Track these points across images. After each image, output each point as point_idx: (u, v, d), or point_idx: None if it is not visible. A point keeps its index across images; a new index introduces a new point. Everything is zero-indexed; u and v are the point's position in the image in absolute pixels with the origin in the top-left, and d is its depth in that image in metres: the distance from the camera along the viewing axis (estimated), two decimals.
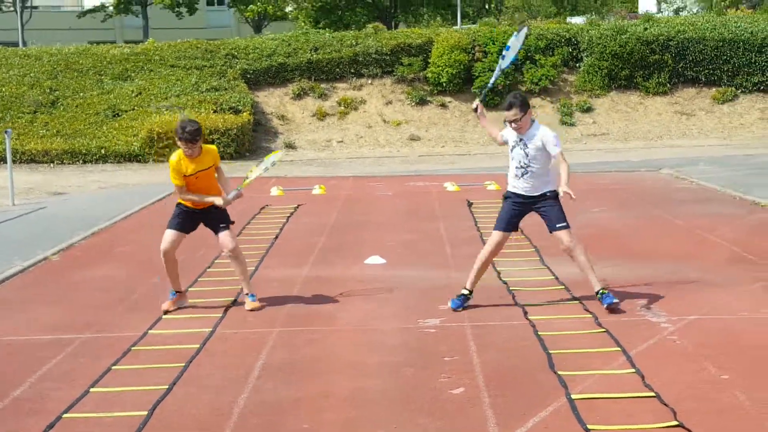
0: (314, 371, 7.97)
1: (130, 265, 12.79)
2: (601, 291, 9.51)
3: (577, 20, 41.30)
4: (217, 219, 9.98)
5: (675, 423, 6.48)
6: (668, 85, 32.65)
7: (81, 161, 27.46)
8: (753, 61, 32.42)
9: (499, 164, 25.33)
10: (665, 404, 6.82)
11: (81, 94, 31.07)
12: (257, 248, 13.61)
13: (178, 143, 9.62)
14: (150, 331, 9.30)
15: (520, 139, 9.51)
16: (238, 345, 8.80)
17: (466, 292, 9.82)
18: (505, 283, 10.97)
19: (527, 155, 9.48)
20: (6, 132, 20.46)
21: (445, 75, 32.06)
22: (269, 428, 6.67)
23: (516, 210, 9.72)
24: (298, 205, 17.99)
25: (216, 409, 7.05)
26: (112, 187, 22.71)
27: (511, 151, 9.62)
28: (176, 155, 9.76)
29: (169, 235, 9.89)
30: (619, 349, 8.21)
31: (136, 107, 30.27)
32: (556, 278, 11.07)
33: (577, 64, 33.44)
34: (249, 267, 12.02)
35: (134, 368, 8.14)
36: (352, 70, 33.31)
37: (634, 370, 7.63)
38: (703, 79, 32.79)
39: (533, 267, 11.90)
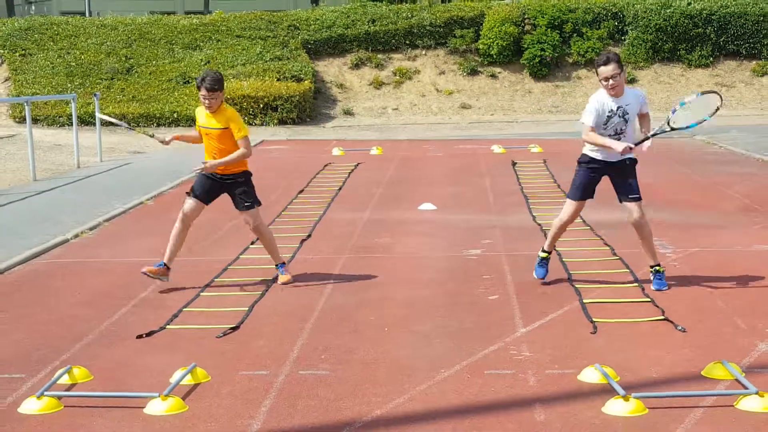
0: (376, 284, 9.88)
1: (213, 207, 14.73)
2: (656, 268, 9.26)
3: None
4: (242, 194, 9.72)
5: (662, 317, 8.29)
6: (710, 58, 34.04)
7: (155, 124, 29.46)
8: None
9: (545, 130, 27.14)
10: (657, 306, 8.64)
11: (154, 62, 33.12)
12: (323, 197, 15.50)
13: (199, 95, 9.35)
14: (241, 256, 11.23)
15: (618, 107, 8.96)
16: (315, 266, 10.72)
17: (544, 255, 9.65)
18: (539, 224, 12.78)
19: (627, 121, 9.02)
20: (95, 95, 22.59)
21: (495, 47, 33.71)
22: (344, 319, 8.59)
23: (593, 176, 9.25)
24: (358, 164, 19.86)
25: (302, 306, 8.99)
26: (185, 147, 24.65)
27: (606, 122, 8.99)
28: (199, 107, 9.67)
29: (189, 203, 9.76)
30: (627, 270, 10.02)
31: None
32: (584, 221, 12.84)
33: (623, 37, 34.92)
34: (317, 212, 14.03)
35: (232, 281, 10.08)
36: (407, 42, 35.04)
37: (636, 284, 9.44)
38: (744, 52, 34.14)
39: None
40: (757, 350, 7.39)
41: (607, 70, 8.85)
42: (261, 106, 29.51)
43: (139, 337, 8.09)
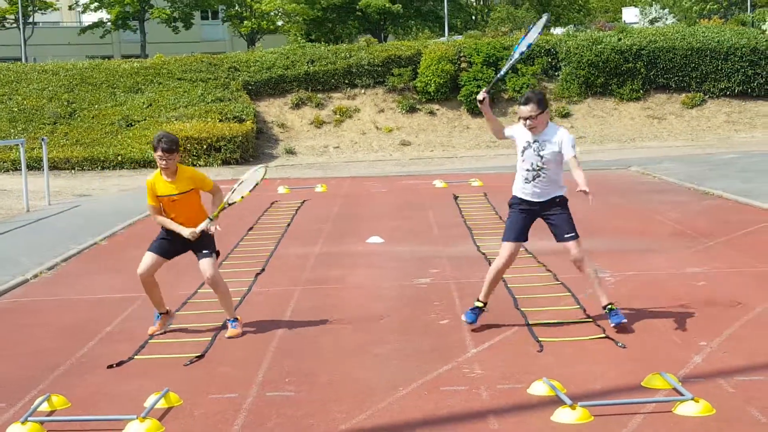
0: (333, 312, 10.33)
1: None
2: (609, 306, 9.06)
3: (560, 31, 43.76)
4: (200, 245, 9.42)
5: (604, 335, 8.84)
6: (641, 91, 35.13)
7: (99, 167, 29.78)
8: (720, 68, 34.92)
9: (484, 165, 27.83)
10: (598, 325, 9.19)
11: (96, 106, 33.45)
12: (274, 234, 15.94)
13: (155, 156, 9.17)
14: (199, 290, 11.62)
15: (534, 140, 8.92)
16: (272, 298, 11.15)
17: (480, 304, 9.43)
18: (483, 253, 13.33)
19: (541, 158, 8.90)
20: (42, 140, 22.89)
21: (433, 84, 34.49)
22: (305, 345, 9.03)
23: (524, 217, 9.18)
24: (304, 201, 20.35)
25: (263, 334, 9.43)
26: (132, 189, 25.00)
27: (522, 153, 9.04)
28: (153, 175, 9.34)
29: (148, 258, 9.43)
30: (569, 293, 10.58)
31: (147, 117, 32.65)
32: (526, 249, 13.41)
33: (556, 73, 35.91)
34: (269, 247, 14.45)
35: (194, 313, 10.48)
36: (347, 81, 35.72)
37: (578, 307, 10.00)
38: (674, 85, 35.29)
39: None
40: (693, 362, 7.96)
41: (524, 110, 8.81)
42: (204, 147, 29.95)
43: (110, 366, 8.47)
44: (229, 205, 9.39)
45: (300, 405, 7.29)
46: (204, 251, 9.42)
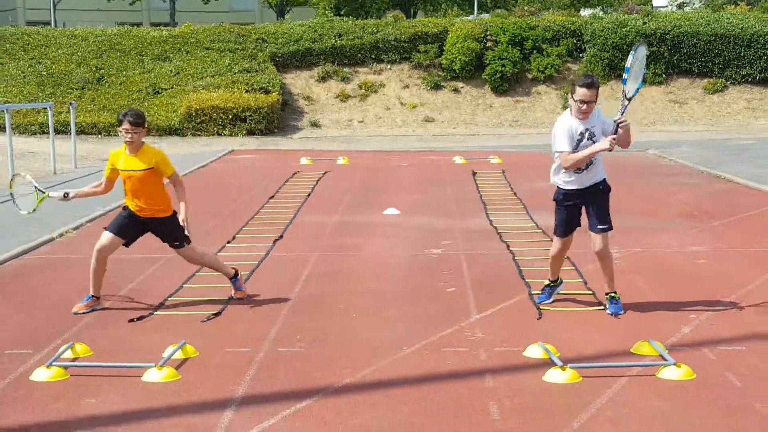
0: (346, 278, 10.81)
1: (196, 205, 15.63)
2: (611, 294, 9.12)
3: (587, 12, 43.92)
4: (169, 234, 9.46)
5: (600, 307, 9.27)
6: (664, 75, 35.29)
7: None
8: (742, 54, 35.02)
9: (505, 143, 28.19)
10: (597, 298, 9.62)
11: (124, 73, 33.94)
12: (294, 202, 16.40)
13: (119, 130, 9.16)
14: (218, 253, 12.09)
15: (586, 129, 8.70)
16: (289, 262, 11.62)
17: (548, 282, 9.52)
18: (495, 227, 13.75)
19: (595, 142, 8.73)
20: (70, 104, 23.44)
21: (458, 62, 34.79)
22: (317, 306, 9.50)
23: (572, 210, 9.09)
24: (325, 172, 20.80)
25: (277, 296, 9.89)
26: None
27: (577, 146, 8.74)
28: (114, 151, 9.41)
29: (105, 237, 9.34)
30: (573, 267, 10.99)
31: (174, 86, 33.10)
32: (536, 224, 13.85)
33: (581, 55, 36.13)
34: (288, 215, 14.92)
35: (212, 274, 10.94)
36: (373, 56, 36.06)
37: (581, 280, 10.42)
38: (696, 70, 35.43)
39: (519, 217, 14.66)
40: (681, 332, 8.39)
41: (587, 94, 8.52)
42: (230, 116, 30.37)
43: (131, 321, 8.97)
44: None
45: (309, 360, 7.76)
46: (175, 243, 9.40)
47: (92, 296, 9.38)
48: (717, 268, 11.05)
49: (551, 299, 9.44)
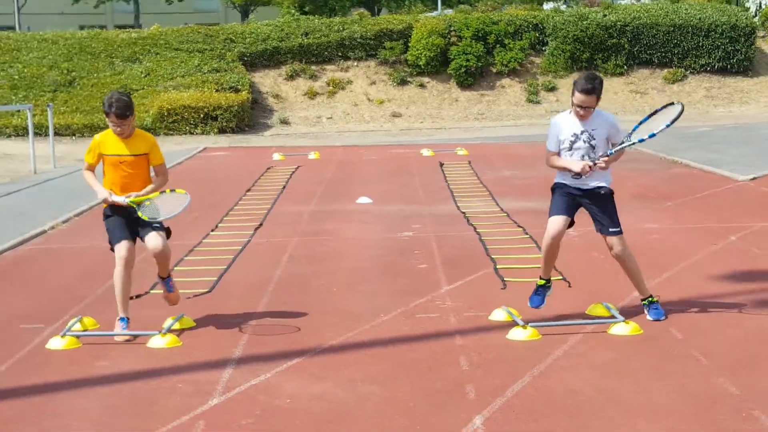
0: (324, 259, 11.64)
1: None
2: (650, 299, 8.69)
3: (548, 6, 44.93)
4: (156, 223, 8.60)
5: (560, 278, 10.14)
6: (624, 66, 36.29)
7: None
8: (701, 44, 36.08)
9: (471, 136, 29.05)
10: (555, 269, 10.47)
11: (95, 75, 34.55)
12: (270, 194, 17.20)
13: (107, 121, 8.43)
14: (204, 240, 12.88)
15: (583, 131, 8.31)
16: (270, 247, 12.43)
17: (541, 282, 8.83)
18: (462, 212, 14.61)
19: (594, 147, 8.32)
20: (48, 105, 24.12)
21: (423, 58, 35.64)
22: (299, 284, 10.33)
23: (568, 198, 8.58)
24: (298, 167, 21.58)
25: (263, 276, 10.71)
26: None
27: (570, 147, 8.35)
28: (103, 133, 8.64)
29: (123, 247, 8.55)
30: (535, 245, 11.86)
31: (145, 86, 33.76)
32: (501, 209, 14.72)
33: (543, 48, 37.09)
34: (266, 206, 15.71)
35: (199, 258, 11.75)
36: (339, 54, 36.86)
37: (541, 255, 11.27)
38: (656, 61, 36.47)
39: (485, 203, 15.53)
40: (631, 296, 9.26)
41: (587, 100, 8.12)
42: (201, 116, 31.08)
43: (130, 298, 9.71)
44: (142, 207, 8.43)
45: (295, 328, 8.59)
46: (155, 224, 8.55)
47: (123, 318, 8.53)
48: (667, 243, 11.97)
49: (544, 303, 8.75)
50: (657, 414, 6.34)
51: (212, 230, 13.62)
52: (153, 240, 8.52)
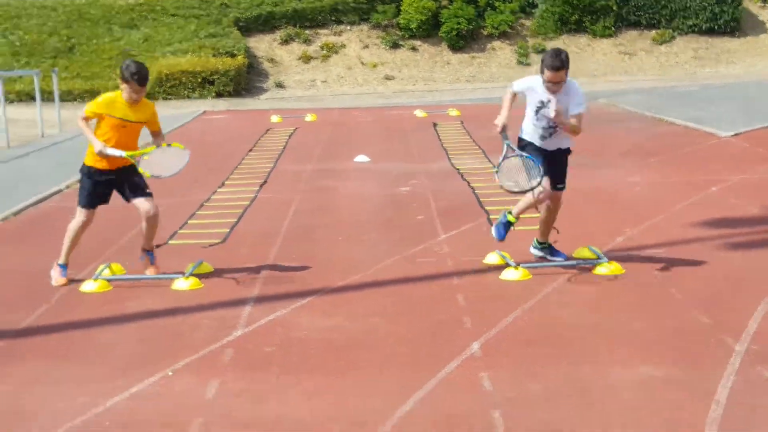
0: (328, 212, 12.40)
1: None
2: (548, 243, 9.44)
3: None
4: (137, 185, 9.10)
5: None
6: (613, 28, 36.99)
7: None
8: (688, 5, 36.81)
9: (462, 97, 29.74)
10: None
11: (94, 41, 35.14)
12: (271, 154, 17.92)
13: (123, 86, 8.72)
14: (212, 196, 13.62)
15: (549, 100, 8.64)
16: (276, 202, 13.17)
17: (513, 219, 9.32)
18: (456, 169, 15.36)
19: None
20: (53, 70, 24.76)
21: (415, 21, 36.29)
22: (306, 234, 11.08)
23: (541, 154, 8.86)
24: (296, 128, 22.29)
25: (271, 227, 11.47)
26: None
27: (536, 112, 8.78)
28: (114, 94, 8.88)
29: (83, 215, 9.29)
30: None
31: (144, 52, 34.35)
32: (493, 165, 15.40)
33: (533, 10, 37.75)
34: (268, 164, 16.44)
35: (210, 213, 12.49)
36: (333, 18, 37.50)
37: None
38: (645, 22, 37.20)
39: (478, 160, 16.27)
40: (615, 241, 10.06)
41: (556, 76, 8.45)
42: (199, 80, 31.74)
43: (157, 246, 10.48)
44: (140, 161, 8.90)
45: (305, 272, 9.35)
46: (147, 190, 9.11)
47: (63, 264, 9.28)
48: (650, 195, 12.75)
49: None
50: (635, 341, 7.12)
51: (219, 187, 14.35)
52: (145, 203, 9.06)
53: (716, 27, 36.98)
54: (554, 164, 8.89)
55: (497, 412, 5.87)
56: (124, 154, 8.80)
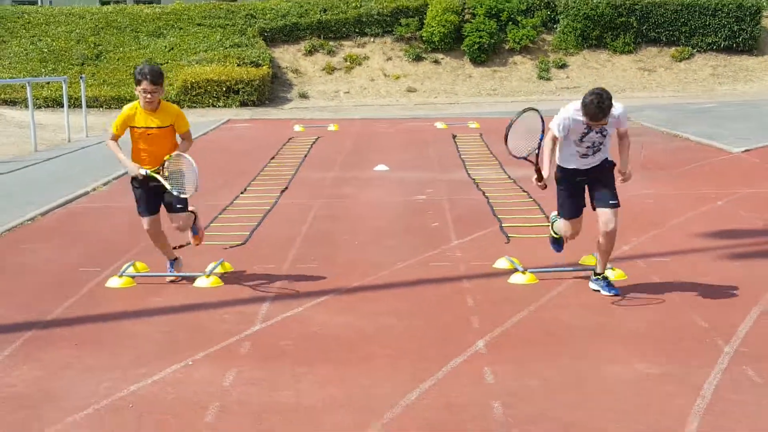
0: (347, 218, 12.80)
1: (204, 166, 17.51)
2: (603, 276, 8.88)
3: None
4: (176, 198, 9.13)
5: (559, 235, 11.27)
6: (633, 44, 37.31)
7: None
8: (708, 23, 37.06)
9: (483, 110, 30.11)
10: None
11: (121, 49, 35.75)
12: (293, 162, 18.36)
13: (138, 92, 8.79)
14: (235, 201, 14.06)
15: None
16: (296, 207, 13.59)
17: (597, 275, 8.93)
18: (473, 179, 15.75)
19: (605, 135, 8.45)
20: (81, 77, 25.30)
21: (438, 34, 36.72)
22: (325, 238, 11.49)
23: (579, 189, 8.77)
24: (318, 137, 22.73)
25: (291, 231, 11.88)
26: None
27: (581, 139, 8.41)
28: (132, 105, 8.99)
29: (145, 222, 9.36)
30: (538, 207, 13.00)
31: (170, 60, 34.93)
32: (509, 176, 15.85)
33: (554, 26, 38.11)
34: (290, 172, 16.88)
35: (232, 216, 12.92)
36: (357, 30, 37.98)
37: (543, 215, 12.43)
38: (664, 39, 37.48)
39: (494, 171, 16.65)
40: (621, 249, 10.42)
41: (598, 124, 8.22)
42: (224, 89, 32.26)
43: (174, 248, 10.89)
44: (158, 175, 9.00)
45: (323, 272, 9.77)
46: (180, 206, 9.19)
47: (171, 261, 9.64)
48: (660, 206, 13.10)
49: (612, 289, 8.78)
50: (632, 341, 7.49)
51: (242, 192, 14.79)
52: (176, 217, 9.24)
53: (735, 45, 37.27)
54: (600, 179, 8.61)
55: (498, 402, 6.25)
56: (147, 172, 8.96)
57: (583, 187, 8.67)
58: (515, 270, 9.49)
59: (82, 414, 6.19)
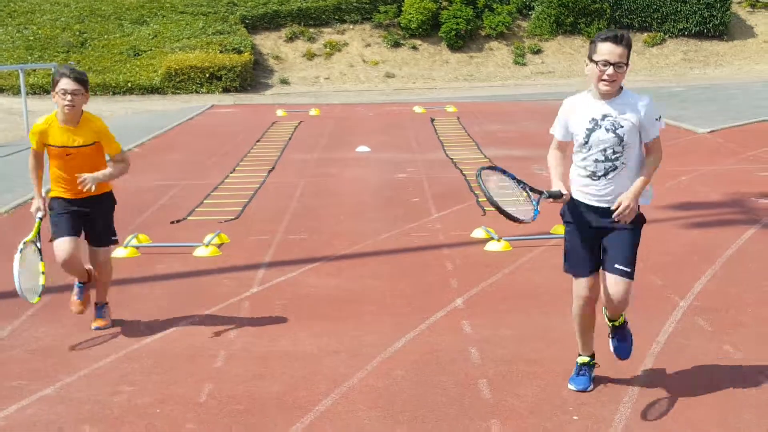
0: (331, 194, 13.58)
1: (193, 148, 18.26)
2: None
3: None
4: (105, 217, 7.77)
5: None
6: None
7: (111, 93, 32.72)
8: (679, 9, 37.97)
9: (460, 95, 30.89)
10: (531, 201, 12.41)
11: (105, 37, 36.32)
12: (278, 145, 19.09)
13: (56, 99, 7.11)
14: (225, 180, 14.80)
15: (605, 116, 5.92)
16: (283, 186, 14.35)
17: (584, 360, 6.53)
18: (450, 158, 16.53)
19: (621, 138, 5.91)
20: (70, 63, 25.86)
21: (415, 21, 37.47)
22: (311, 213, 12.26)
23: (590, 236, 6.24)
24: (300, 122, 23.45)
25: (280, 207, 12.65)
26: (144, 112, 28.06)
27: (586, 138, 6.00)
28: (45, 119, 7.28)
29: (61, 246, 7.41)
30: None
31: (153, 48, 35.55)
32: (485, 155, 16.65)
33: (530, 12, 38.92)
34: (275, 154, 17.61)
35: (224, 194, 13.67)
36: (336, 17, 38.69)
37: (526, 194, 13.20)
38: (637, 25, 38.34)
39: (471, 152, 17.44)
40: None
41: (615, 52, 5.81)
42: (206, 75, 32.91)
43: (172, 222, 11.69)
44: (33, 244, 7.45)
45: (312, 242, 10.55)
46: (110, 237, 7.86)
47: (81, 283, 7.80)
48: None
49: (590, 385, 6.44)
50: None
51: (231, 172, 15.52)
52: (100, 254, 7.78)
53: (705, 30, 38.18)
54: (617, 234, 6.17)
55: (474, 348, 7.05)
56: (38, 219, 7.49)
57: (598, 233, 6.18)
58: (491, 238, 10.28)
59: (105, 361, 6.95)
